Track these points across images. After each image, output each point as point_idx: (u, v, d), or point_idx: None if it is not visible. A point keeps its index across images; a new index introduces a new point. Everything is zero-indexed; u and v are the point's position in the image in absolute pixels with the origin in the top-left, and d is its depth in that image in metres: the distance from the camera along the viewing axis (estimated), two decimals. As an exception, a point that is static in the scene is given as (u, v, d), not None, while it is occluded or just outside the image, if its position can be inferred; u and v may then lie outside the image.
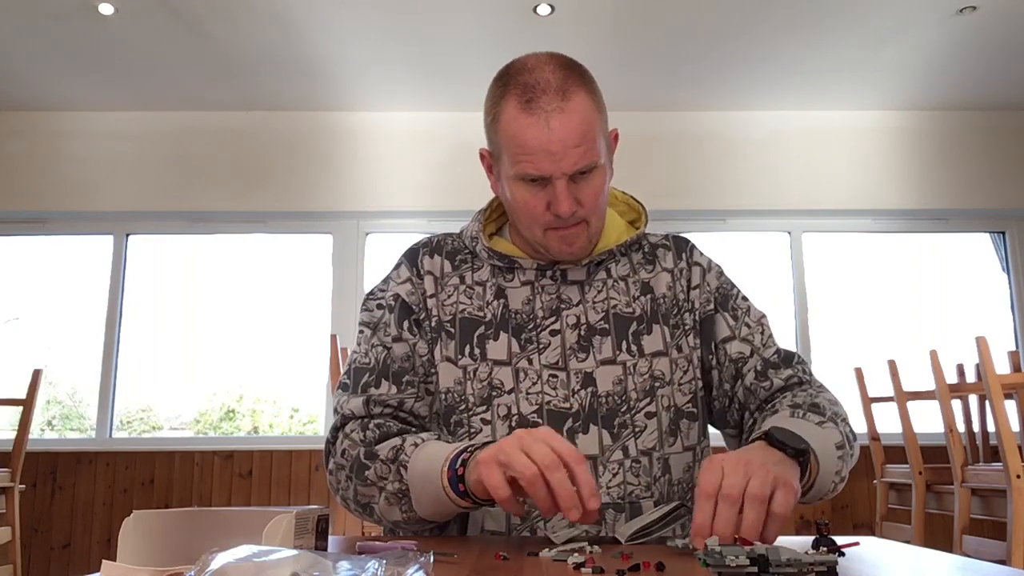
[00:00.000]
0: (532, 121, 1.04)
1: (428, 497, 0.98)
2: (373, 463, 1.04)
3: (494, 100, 1.10)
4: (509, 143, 1.07)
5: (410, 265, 1.21)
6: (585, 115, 1.05)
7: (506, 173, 1.10)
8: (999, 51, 3.94)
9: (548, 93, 1.04)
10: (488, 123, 1.12)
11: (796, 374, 1.13)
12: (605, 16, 3.63)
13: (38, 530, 4.08)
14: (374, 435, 1.07)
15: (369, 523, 2.57)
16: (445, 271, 1.19)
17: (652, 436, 1.11)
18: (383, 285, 1.22)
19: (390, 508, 1.03)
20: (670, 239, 1.27)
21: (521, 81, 1.06)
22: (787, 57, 3.99)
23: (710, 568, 0.58)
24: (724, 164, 4.49)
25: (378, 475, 1.03)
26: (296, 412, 4.51)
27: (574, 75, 1.07)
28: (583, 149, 1.04)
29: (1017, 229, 4.61)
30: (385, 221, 4.54)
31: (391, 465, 1.02)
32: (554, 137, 1.03)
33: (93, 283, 4.48)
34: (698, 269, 1.22)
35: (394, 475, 1.01)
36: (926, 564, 0.79)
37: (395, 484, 1.01)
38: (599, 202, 1.10)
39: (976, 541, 2.78)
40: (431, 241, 1.24)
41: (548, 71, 1.06)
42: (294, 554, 0.52)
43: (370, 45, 3.85)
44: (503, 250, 1.18)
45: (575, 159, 1.04)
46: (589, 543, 0.87)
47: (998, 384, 2.64)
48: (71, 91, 4.26)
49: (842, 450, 1.02)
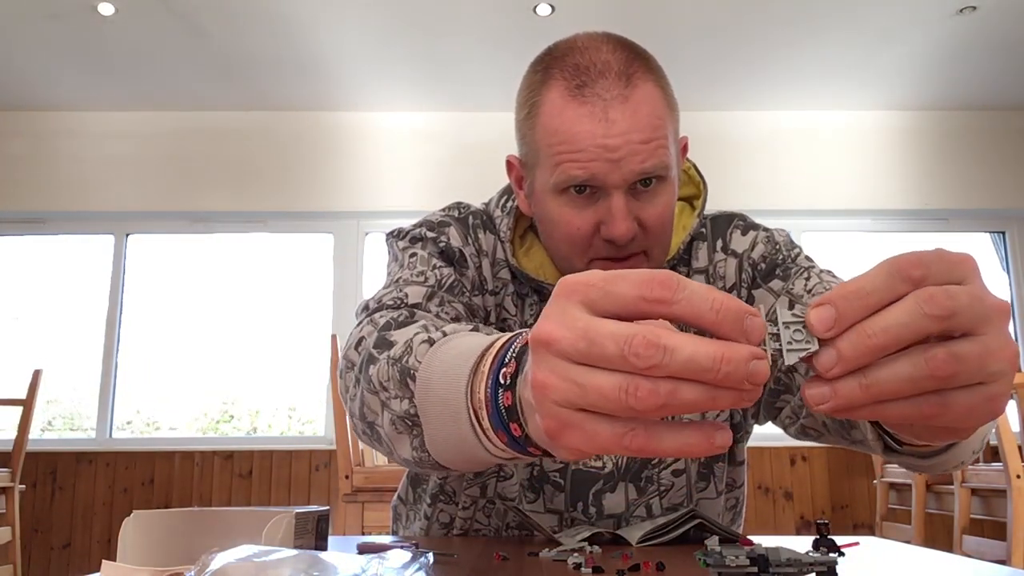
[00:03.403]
0: (585, 112, 0.80)
1: (445, 432, 0.59)
2: (381, 355, 0.70)
3: (532, 88, 0.86)
4: (551, 140, 0.82)
5: (463, 231, 0.94)
6: (654, 107, 0.82)
7: (543, 185, 0.85)
8: (999, 51, 3.94)
9: (607, 76, 0.80)
10: (521, 119, 0.88)
11: None
12: (605, 16, 3.63)
13: (38, 530, 4.08)
14: (395, 317, 0.77)
15: (371, 520, 2.57)
16: (498, 257, 0.94)
17: (680, 493, 0.99)
18: (424, 228, 0.95)
19: (399, 437, 0.67)
20: (707, 224, 1.00)
21: (570, 62, 0.82)
22: (787, 57, 3.99)
23: (710, 568, 0.58)
24: (724, 164, 4.49)
25: (380, 379, 0.68)
26: (295, 412, 4.50)
27: (639, 60, 0.84)
28: (651, 147, 0.80)
29: (1017, 229, 4.62)
30: (385, 221, 4.54)
31: (397, 366, 0.67)
32: (613, 131, 0.79)
33: (93, 283, 4.48)
34: (733, 262, 0.97)
35: (397, 385, 0.66)
36: (926, 564, 0.79)
37: (401, 402, 0.65)
38: (665, 227, 0.86)
39: (976, 541, 2.78)
40: (480, 214, 0.97)
41: (606, 51, 0.83)
42: (294, 554, 0.52)
43: (370, 45, 3.85)
44: (533, 270, 0.93)
45: (640, 159, 0.80)
46: (589, 543, 0.87)
47: (998, 384, 2.64)
48: (71, 91, 4.26)
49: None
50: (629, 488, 0.96)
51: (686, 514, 0.93)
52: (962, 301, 0.39)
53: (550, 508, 0.99)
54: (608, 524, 0.97)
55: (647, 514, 0.98)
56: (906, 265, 0.40)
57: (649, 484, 0.97)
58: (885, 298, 0.40)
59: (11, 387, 3.92)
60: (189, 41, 3.79)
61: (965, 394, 0.41)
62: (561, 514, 0.99)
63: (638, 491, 0.97)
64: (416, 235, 0.95)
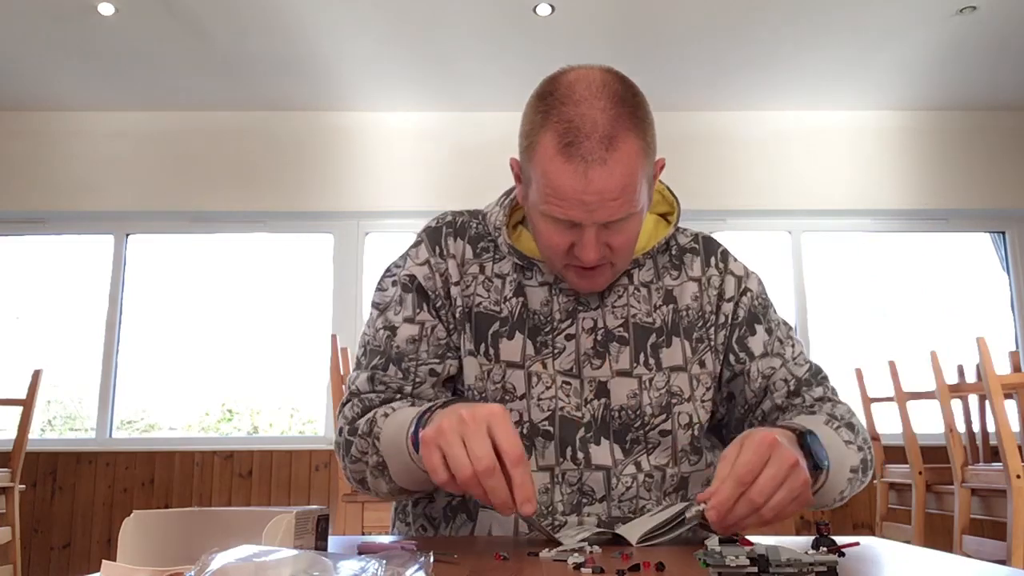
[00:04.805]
0: (570, 169, 0.94)
1: (401, 466, 0.97)
2: (355, 438, 1.04)
3: (532, 125, 0.99)
4: (541, 180, 0.97)
5: (431, 245, 1.12)
6: (630, 166, 0.95)
7: (534, 202, 1.01)
8: (999, 51, 3.94)
9: (592, 139, 0.93)
10: (523, 146, 1.01)
11: (827, 394, 1.11)
12: (605, 16, 3.63)
13: (38, 530, 4.08)
14: (358, 410, 1.06)
15: (371, 520, 2.58)
16: (467, 257, 1.11)
17: (666, 453, 1.07)
18: (400, 261, 1.15)
19: (376, 481, 1.03)
20: (700, 241, 1.18)
21: (565, 115, 0.95)
22: (787, 57, 3.99)
23: (710, 568, 0.58)
24: (724, 164, 4.49)
25: (359, 450, 1.03)
26: (296, 412, 4.50)
27: (626, 114, 0.96)
28: (620, 202, 0.96)
29: (1017, 229, 4.61)
30: (385, 221, 4.54)
31: (367, 439, 1.02)
32: (591, 189, 0.94)
33: (93, 283, 4.48)
34: (732, 280, 1.14)
35: (371, 448, 1.01)
36: (926, 564, 0.79)
37: (374, 457, 1.01)
38: (628, 247, 1.03)
39: (976, 541, 2.78)
40: (455, 221, 1.14)
41: (597, 108, 0.95)
42: (294, 554, 0.52)
43: (370, 45, 3.85)
44: (524, 249, 1.11)
45: (610, 212, 0.96)
46: (589, 543, 0.87)
47: (998, 384, 2.64)
48: (71, 91, 4.26)
49: (854, 475, 1.03)
50: (615, 448, 1.05)
51: (685, 510, 0.93)
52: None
53: (542, 465, 1.05)
54: (596, 476, 1.04)
55: (636, 470, 1.05)
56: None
57: (636, 445, 1.06)
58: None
59: (11, 387, 3.92)
60: (189, 41, 3.79)
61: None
62: (552, 469, 1.05)
63: (624, 452, 1.05)
64: (382, 284, 1.15)
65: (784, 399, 1.09)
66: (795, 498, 0.81)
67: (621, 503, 1.04)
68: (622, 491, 1.04)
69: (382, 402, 1.06)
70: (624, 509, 1.04)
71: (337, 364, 2.85)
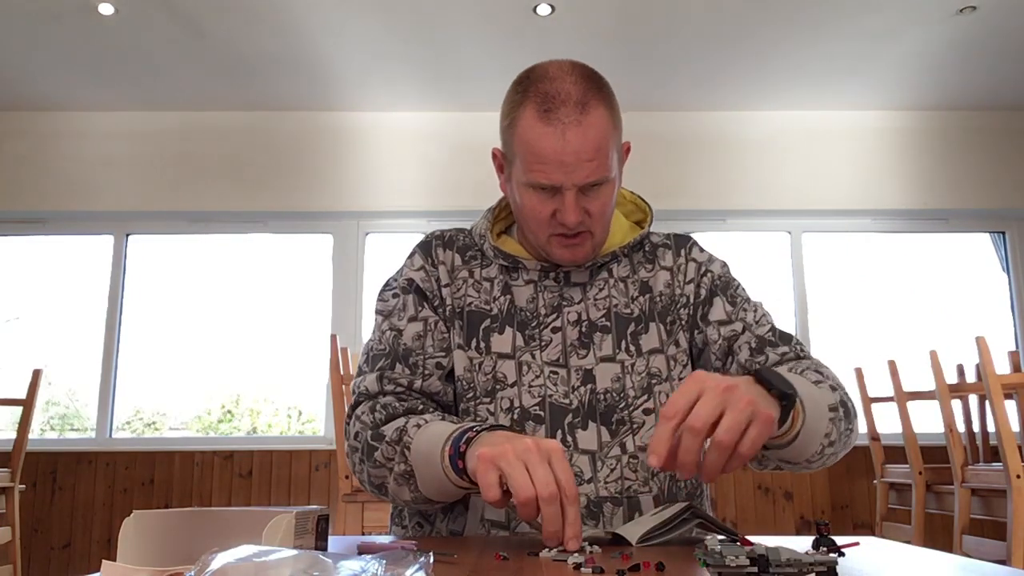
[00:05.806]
0: (549, 131, 1.05)
1: (431, 478, 0.99)
2: (380, 444, 1.06)
3: (512, 105, 1.11)
4: (524, 150, 1.08)
5: (424, 255, 1.22)
6: (601, 130, 1.06)
7: (518, 178, 1.11)
8: (999, 51, 3.94)
9: (567, 105, 1.05)
10: (504, 127, 1.13)
11: (793, 350, 1.13)
12: (605, 16, 3.63)
13: (38, 530, 4.08)
14: (381, 416, 1.09)
15: (371, 520, 2.58)
16: (456, 264, 1.21)
17: (649, 432, 1.11)
18: (397, 275, 1.24)
19: (399, 488, 1.05)
20: (671, 238, 1.28)
21: (541, 90, 1.07)
22: (787, 57, 3.99)
23: (710, 568, 0.58)
24: (724, 164, 4.49)
25: (385, 456, 1.05)
26: (297, 412, 4.50)
27: (594, 88, 1.08)
28: (596, 163, 1.06)
29: (1017, 229, 4.62)
30: (385, 221, 4.54)
31: (396, 446, 1.03)
32: (568, 149, 1.05)
33: (93, 283, 4.48)
34: (693, 265, 1.23)
35: (399, 456, 1.03)
36: (926, 564, 0.79)
37: (401, 466, 1.03)
38: (605, 214, 1.12)
39: (976, 541, 2.78)
40: (444, 235, 1.26)
41: (569, 82, 1.07)
42: (294, 554, 0.53)
43: (371, 45, 3.85)
44: (509, 250, 1.20)
45: (587, 172, 1.06)
46: (589, 543, 0.87)
47: (998, 384, 2.64)
48: (71, 91, 4.26)
49: (835, 413, 1.01)
50: (601, 430, 1.11)
51: (685, 510, 0.94)
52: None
53: None
54: (583, 459, 1.09)
55: (621, 451, 1.10)
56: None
57: (621, 425, 1.12)
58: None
59: (11, 387, 3.92)
60: (189, 41, 3.79)
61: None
62: None
63: (610, 433, 1.11)
64: (382, 296, 1.23)
65: (748, 358, 1.12)
66: (750, 419, 0.80)
67: (607, 483, 1.08)
68: (607, 473, 1.09)
69: (406, 410, 1.09)
70: (611, 490, 1.08)
71: (337, 364, 2.85)
